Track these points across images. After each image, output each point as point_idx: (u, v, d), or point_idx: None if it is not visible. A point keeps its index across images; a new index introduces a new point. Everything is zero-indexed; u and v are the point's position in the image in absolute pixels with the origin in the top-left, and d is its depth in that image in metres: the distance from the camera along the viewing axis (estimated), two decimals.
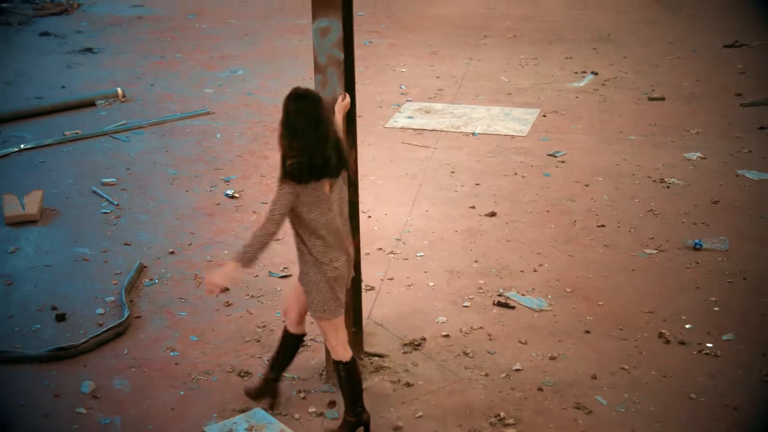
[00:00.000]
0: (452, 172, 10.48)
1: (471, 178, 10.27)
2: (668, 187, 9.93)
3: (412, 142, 11.30)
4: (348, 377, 6.05)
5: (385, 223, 9.29)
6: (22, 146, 11.32)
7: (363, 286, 7.65)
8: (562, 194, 9.84)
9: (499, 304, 7.78)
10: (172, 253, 8.82)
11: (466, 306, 7.79)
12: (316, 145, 5.65)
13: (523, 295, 7.92)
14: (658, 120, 11.78)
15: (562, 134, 11.42)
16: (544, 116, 12.01)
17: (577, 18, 16.36)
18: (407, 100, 12.70)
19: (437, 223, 9.27)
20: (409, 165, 10.63)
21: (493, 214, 9.40)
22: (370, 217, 9.36)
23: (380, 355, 7.10)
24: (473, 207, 9.59)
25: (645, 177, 10.17)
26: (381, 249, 8.75)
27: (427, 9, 17.37)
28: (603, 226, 9.12)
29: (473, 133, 11.50)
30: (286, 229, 9.18)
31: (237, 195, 10.01)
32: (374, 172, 10.42)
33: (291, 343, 6.45)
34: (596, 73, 13.52)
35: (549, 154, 10.83)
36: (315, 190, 5.69)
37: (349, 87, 6.43)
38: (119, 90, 12.98)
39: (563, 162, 10.63)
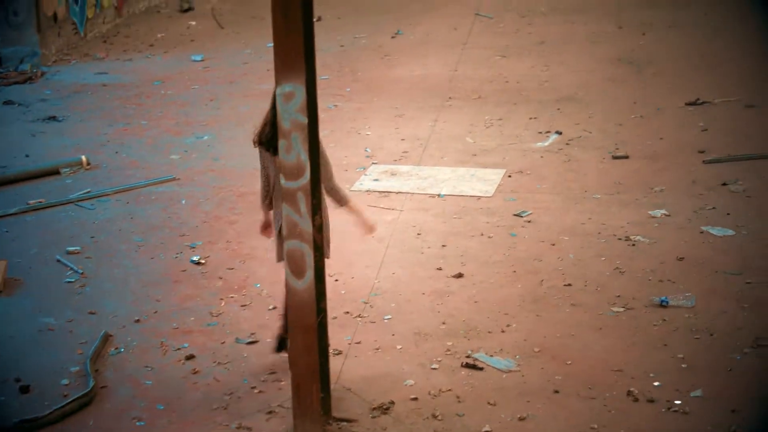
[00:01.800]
0: (419, 233, 10.54)
1: (438, 240, 10.33)
2: (634, 244, 10.02)
3: (378, 204, 11.37)
4: None
5: (352, 286, 9.32)
6: None
7: (331, 351, 7.67)
8: (528, 254, 9.91)
9: (468, 365, 7.80)
10: (138, 321, 8.81)
11: (434, 368, 7.81)
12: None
13: (491, 356, 7.95)
14: (623, 178, 11.90)
15: (527, 194, 11.52)
16: (510, 176, 12.11)
17: (542, 78, 16.53)
18: (373, 163, 12.79)
19: (404, 286, 9.31)
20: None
21: (460, 275, 9.45)
22: (336, 280, 9.39)
23: (349, 420, 7.10)
24: (440, 268, 9.64)
25: (611, 235, 10.26)
26: (348, 313, 8.78)
27: (391, 72, 17.53)
28: (570, 285, 9.19)
29: (439, 195, 11.58)
30: (252, 296, 9.22)
31: (203, 261, 10.02)
32: (340, 236, 10.44)
33: None
34: (561, 133, 13.64)
35: (515, 214, 10.92)
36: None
37: (313, 151, 6.50)
38: (84, 158, 13.00)
39: (529, 222, 10.72)
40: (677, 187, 11.57)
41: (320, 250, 6.66)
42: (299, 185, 6.45)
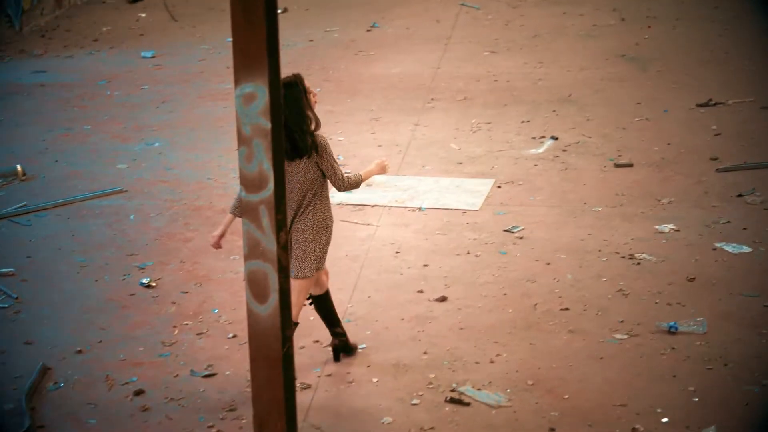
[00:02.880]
0: (397, 252, 10.54)
1: (418, 259, 10.33)
2: (639, 263, 10.04)
3: (351, 219, 11.37)
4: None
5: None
6: None
7: (298, 384, 7.65)
8: (520, 274, 9.93)
9: (453, 400, 7.80)
10: (80, 351, 8.78)
11: (414, 404, 7.80)
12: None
13: (479, 389, 7.95)
14: (627, 189, 11.93)
15: (519, 207, 11.54)
16: (499, 187, 12.13)
17: (535, 77, 16.58)
18: (345, 173, 12.76)
19: (381, 311, 9.31)
20: (348, 245, 10.68)
21: (443, 299, 9.45)
22: (304, 305, 9.37)
23: None
24: (421, 291, 9.64)
25: (613, 253, 10.29)
26: (318, 341, 8.77)
27: (367, 69, 17.54)
28: (567, 309, 9.20)
29: (420, 208, 11.59)
30: (209, 323, 9.21)
31: (154, 284, 9.99)
32: None
33: (322, 305, 8.34)
34: (557, 138, 13.68)
35: (505, 230, 10.93)
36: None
37: (278, 160, 6.48)
38: (19, 167, 12.95)
39: (521, 238, 10.74)
40: (687, 198, 11.61)
41: (285, 270, 6.65)
42: (261, 198, 6.43)
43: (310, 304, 8.40)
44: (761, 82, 15.57)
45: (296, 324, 7.96)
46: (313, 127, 8.00)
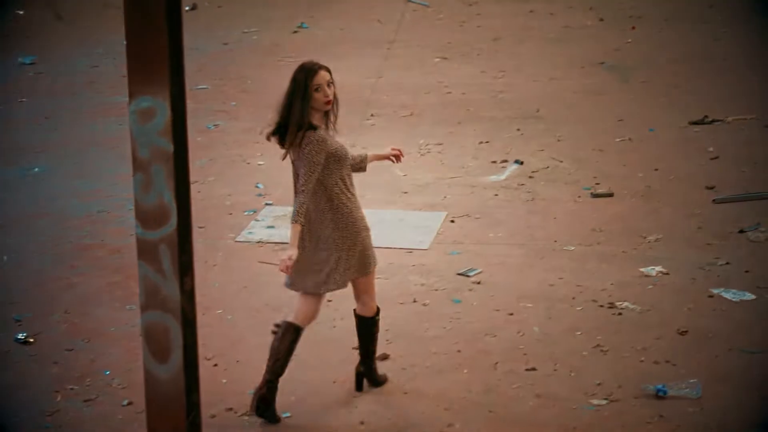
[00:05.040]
0: (329, 300, 10.50)
1: (352, 309, 10.30)
2: (620, 314, 10.08)
3: (273, 261, 11.33)
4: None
5: (237, 373, 9.27)
6: None
7: None
8: (478, 327, 9.93)
9: None
10: None
11: None
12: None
13: None
14: (606, 224, 11.98)
15: (476, 246, 11.57)
16: (453, 221, 12.15)
17: (495, 88, 16.64)
18: (266, 204, 12.77)
19: (309, 371, 9.27)
20: (270, 293, 10.64)
21: (385, 357, 9.43)
22: (216, 365, 9.33)
23: None
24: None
25: (589, 301, 10.32)
26: (231, 409, 8.73)
27: None
28: (534, 369, 9.21)
29: None
30: (99, 387, 9.14)
31: (32, 340, 9.91)
32: (221, 304, 10.42)
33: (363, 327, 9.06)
34: (521, 163, 13.72)
35: (459, 273, 10.95)
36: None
37: (182, 189, 6.45)
38: None
39: (478, 283, 10.76)
40: (678, 235, 11.67)
41: (191, 323, 6.61)
42: (162, 235, 6.40)
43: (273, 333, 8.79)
44: (766, 95, 15.70)
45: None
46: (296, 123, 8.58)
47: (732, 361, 9.24)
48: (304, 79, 8.56)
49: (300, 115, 8.53)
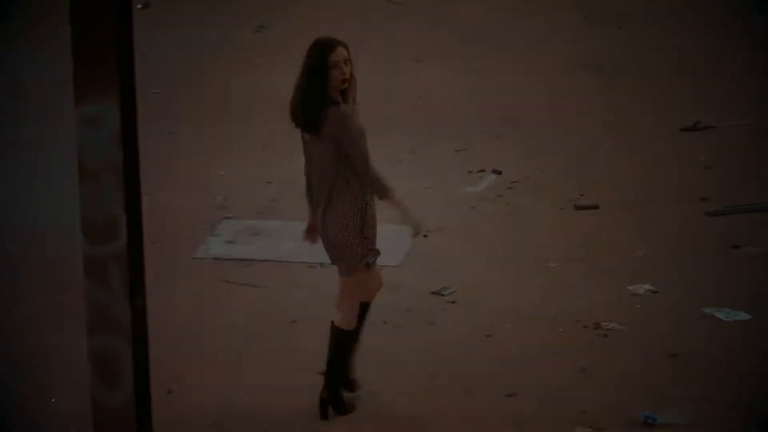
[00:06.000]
0: (293, 321, 10.52)
1: (320, 332, 10.26)
2: (606, 335, 10.11)
3: (232, 279, 11.33)
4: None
5: (194, 402, 9.27)
6: None
7: None
8: (453, 350, 9.94)
9: None
10: None
11: None
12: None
13: None
14: (591, 238, 12.01)
15: (451, 262, 11.57)
16: (426, 236, 12.14)
17: (473, 92, 16.65)
18: (226, 217, 12.75)
19: (271, 400, 9.27)
20: (229, 314, 10.64)
21: (352, 384, 9.42)
22: (170, 392, 9.31)
23: None
24: (324, 374, 9.62)
25: (572, 321, 10.34)
26: None
27: (254, 83, 17.50)
28: (514, 394, 9.23)
29: (322, 265, 11.54)
30: (44, 417, 9.13)
31: None
32: (176, 325, 10.39)
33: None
34: (500, 172, 13.73)
35: (433, 292, 10.96)
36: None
37: (133, 201, 6.44)
38: None
39: (454, 303, 10.77)
40: (668, 250, 11.70)
41: (143, 345, 6.60)
42: (111, 252, 6.39)
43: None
44: (763, 99, 15.74)
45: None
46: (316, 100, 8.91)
47: (725, 386, 9.26)
48: (320, 56, 8.93)
49: (320, 92, 8.84)
